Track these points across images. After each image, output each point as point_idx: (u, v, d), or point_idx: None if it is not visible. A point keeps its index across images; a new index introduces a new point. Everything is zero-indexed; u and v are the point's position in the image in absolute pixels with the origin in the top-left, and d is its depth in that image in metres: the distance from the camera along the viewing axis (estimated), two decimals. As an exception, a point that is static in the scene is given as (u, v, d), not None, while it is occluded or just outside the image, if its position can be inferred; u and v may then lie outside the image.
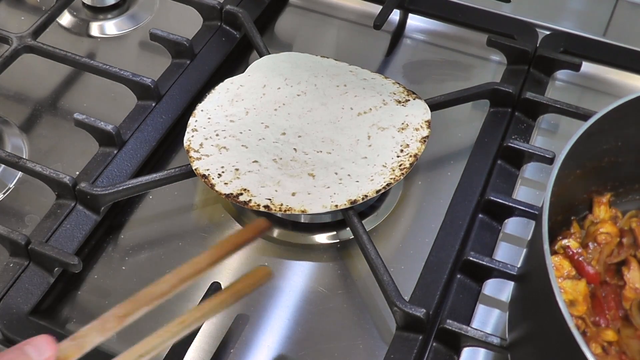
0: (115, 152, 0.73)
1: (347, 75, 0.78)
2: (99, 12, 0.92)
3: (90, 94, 0.83)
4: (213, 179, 0.67)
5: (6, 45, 0.80)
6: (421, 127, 0.72)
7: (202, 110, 0.74)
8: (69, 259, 0.64)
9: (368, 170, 0.68)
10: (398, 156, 0.69)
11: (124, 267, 0.68)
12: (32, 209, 0.72)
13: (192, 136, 0.71)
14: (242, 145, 0.70)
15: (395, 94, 0.75)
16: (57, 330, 0.62)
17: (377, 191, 0.67)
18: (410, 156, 0.69)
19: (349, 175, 0.68)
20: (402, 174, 0.68)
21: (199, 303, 0.57)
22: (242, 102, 0.75)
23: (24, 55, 0.81)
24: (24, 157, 0.75)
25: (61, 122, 0.80)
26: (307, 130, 0.72)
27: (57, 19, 0.88)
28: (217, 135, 0.71)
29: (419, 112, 0.73)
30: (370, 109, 0.74)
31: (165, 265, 0.68)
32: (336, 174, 0.68)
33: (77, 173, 0.72)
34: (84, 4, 0.92)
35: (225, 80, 0.77)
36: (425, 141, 0.71)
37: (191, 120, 0.73)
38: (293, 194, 0.66)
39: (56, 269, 0.65)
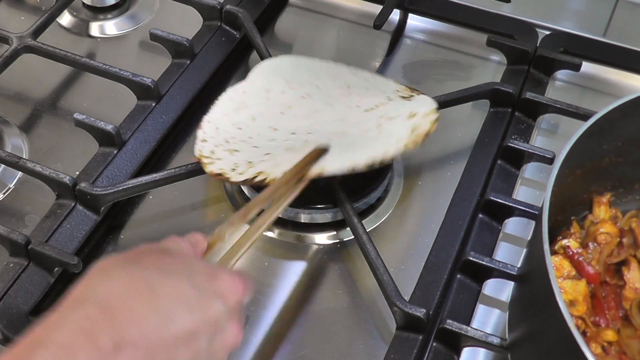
0: (115, 152, 0.73)
1: (348, 76, 0.77)
2: (99, 12, 0.91)
3: (90, 94, 0.83)
4: (227, 173, 0.66)
5: (6, 45, 0.80)
6: (431, 112, 0.70)
7: (208, 122, 0.72)
8: (69, 259, 0.64)
9: (382, 142, 0.67)
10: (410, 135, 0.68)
11: (124, 267, 0.68)
12: (32, 209, 0.72)
13: (203, 146, 0.70)
14: (254, 147, 0.70)
15: (398, 91, 0.75)
16: (57, 330, 0.62)
17: (395, 152, 0.65)
18: (423, 133, 0.67)
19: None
20: (415, 142, 0.66)
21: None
22: (248, 109, 0.74)
23: (24, 55, 0.80)
24: (24, 157, 0.75)
25: (61, 122, 0.80)
26: (316, 129, 0.72)
27: (57, 19, 0.88)
28: (227, 142, 0.70)
29: (425, 102, 0.72)
30: (377, 105, 0.73)
31: (165, 265, 0.68)
32: (352, 146, 0.67)
33: (77, 173, 0.72)
34: (84, 4, 0.92)
35: (228, 90, 0.76)
36: (436, 123, 0.68)
37: (199, 133, 0.71)
38: None
39: (56, 269, 0.65)
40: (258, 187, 0.67)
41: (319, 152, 0.65)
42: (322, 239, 0.70)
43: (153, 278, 0.45)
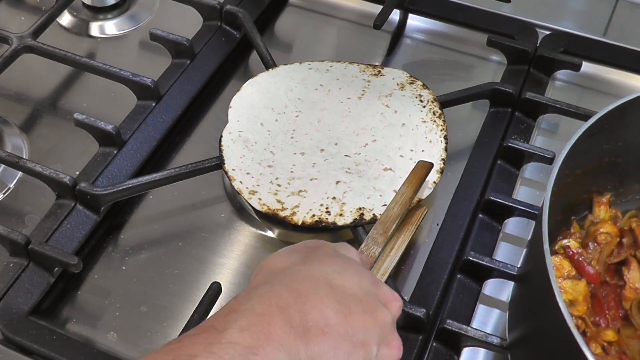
0: (115, 152, 0.73)
1: (312, 75, 0.77)
2: (99, 12, 0.92)
3: (90, 94, 0.83)
4: (327, 219, 0.66)
5: (6, 45, 0.80)
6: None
7: (233, 170, 0.69)
8: (69, 259, 0.64)
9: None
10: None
11: (124, 267, 0.68)
12: (32, 209, 0.72)
13: (258, 199, 0.67)
14: (300, 178, 0.69)
15: (364, 71, 0.78)
16: (57, 330, 0.62)
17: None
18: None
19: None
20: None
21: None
22: (258, 145, 0.71)
23: (24, 55, 0.81)
24: (24, 157, 0.75)
25: (61, 122, 0.80)
26: (337, 135, 0.72)
27: (57, 19, 0.88)
28: (280, 186, 0.68)
29: (394, 74, 0.77)
30: (364, 90, 0.76)
31: (165, 265, 0.68)
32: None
33: (77, 173, 0.72)
34: (84, 4, 0.92)
35: (223, 135, 0.71)
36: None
37: (240, 187, 0.68)
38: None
39: (56, 269, 0.65)
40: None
41: (428, 168, 0.67)
42: (322, 239, 0.70)
43: (330, 276, 0.47)
